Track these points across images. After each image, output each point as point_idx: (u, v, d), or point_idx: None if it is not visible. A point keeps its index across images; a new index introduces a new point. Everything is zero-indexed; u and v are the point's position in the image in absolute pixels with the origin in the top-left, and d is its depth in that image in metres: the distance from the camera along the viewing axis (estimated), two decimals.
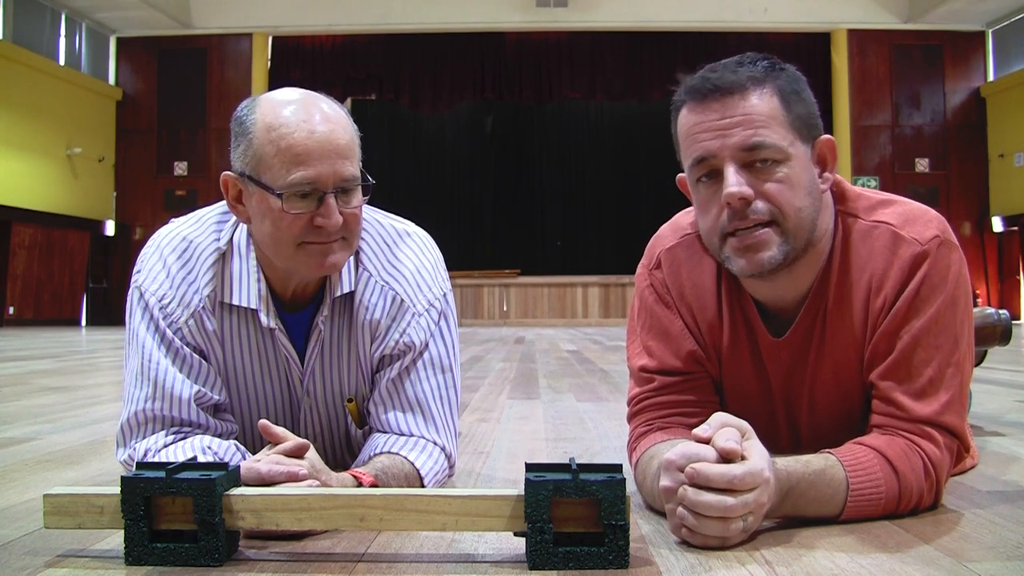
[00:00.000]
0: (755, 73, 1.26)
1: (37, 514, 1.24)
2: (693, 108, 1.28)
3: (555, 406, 2.97)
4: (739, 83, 1.25)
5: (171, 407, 1.36)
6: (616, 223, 18.14)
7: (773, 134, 1.24)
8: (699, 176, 1.29)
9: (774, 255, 1.26)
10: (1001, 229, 15.12)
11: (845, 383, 1.38)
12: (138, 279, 1.41)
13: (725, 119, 1.24)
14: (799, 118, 1.27)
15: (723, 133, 1.24)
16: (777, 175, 1.24)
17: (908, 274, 1.29)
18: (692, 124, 1.28)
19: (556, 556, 1.03)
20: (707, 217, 1.30)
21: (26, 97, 13.44)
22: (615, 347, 7.37)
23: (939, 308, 1.28)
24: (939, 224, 1.32)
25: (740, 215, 1.25)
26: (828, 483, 1.20)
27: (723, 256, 1.30)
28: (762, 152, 1.23)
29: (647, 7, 15.36)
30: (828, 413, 1.42)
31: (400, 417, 1.43)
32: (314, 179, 1.27)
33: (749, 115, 1.24)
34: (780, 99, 1.26)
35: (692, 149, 1.28)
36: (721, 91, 1.25)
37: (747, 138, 1.23)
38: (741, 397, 1.45)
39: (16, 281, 13.56)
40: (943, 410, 1.28)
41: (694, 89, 1.28)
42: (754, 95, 1.25)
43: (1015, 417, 2.57)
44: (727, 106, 1.25)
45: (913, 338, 1.29)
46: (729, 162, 1.24)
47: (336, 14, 15.52)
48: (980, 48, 15.65)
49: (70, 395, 3.36)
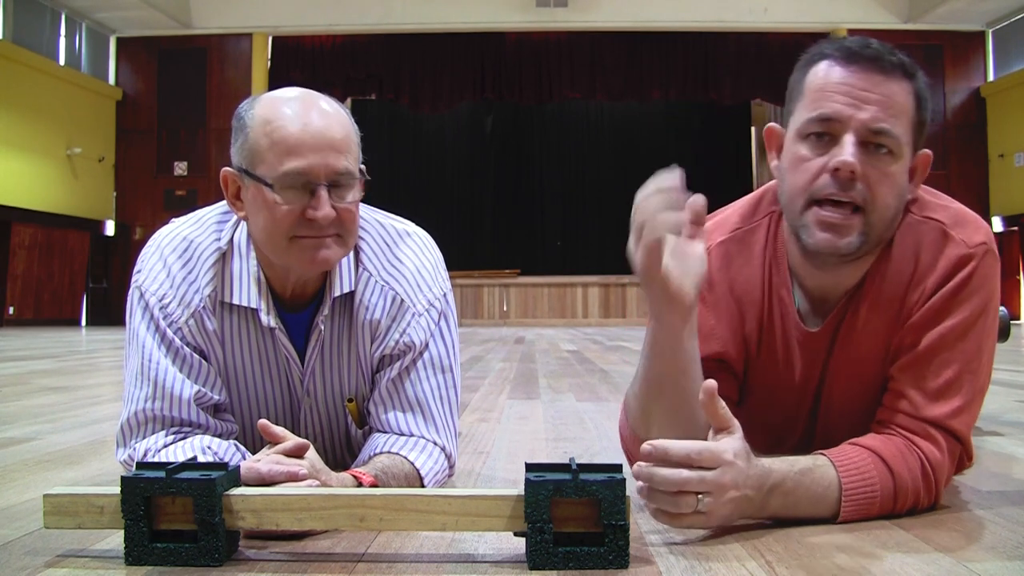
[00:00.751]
0: (906, 65, 1.26)
1: (37, 514, 1.24)
2: (839, 64, 1.26)
3: (555, 406, 2.97)
4: (892, 64, 1.24)
5: (171, 407, 1.36)
6: (616, 223, 17.85)
7: (900, 127, 1.24)
8: (812, 132, 1.26)
9: (852, 242, 1.25)
10: (1001, 229, 15.12)
11: (868, 376, 1.37)
12: (138, 279, 1.41)
13: (867, 91, 1.23)
14: (920, 124, 1.28)
15: (859, 104, 1.23)
16: (887, 168, 1.24)
17: (951, 273, 1.29)
18: (830, 80, 1.25)
19: (556, 556, 1.03)
20: (801, 176, 1.27)
21: (26, 97, 13.44)
22: (615, 347, 7.37)
23: (972, 313, 1.28)
24: (987, 232, 1.32)
25: (842, 185, 1.23)
26: (817, 482, 1.20)
27: (801, 223, 1.28)
28: (885, 139, 1.23)
29: (647, 7, 15.36)
30: (847, 407, 1.41)
31: (400, 417, 1.43)
32: (305, 170, 1.27)
33: (889, 98, 1.23)
34: (916, 99, 1.26)
35: (820, 104, 1.25)
36: (873, 63, 1.24)
37: (878, 119, 1.22)
38: (767, 389, 1.45)
39: (16, 281, 13.56)
40: (953, 414, 1.27)
41: (847, 48, 1.26)
42: (899, 84, 1.25)
43: (1015, 417, 2.58)
44: (873, 80, 1.24)
45: (940, 336, 1.28)
46: (852, 132, 1.23)
47: (336, 14, 15.51)
48: (980, 48, 15.66)
49: (70, 395, 3.36)
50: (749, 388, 1.47)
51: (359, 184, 1.34)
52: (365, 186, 1.40)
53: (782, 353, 1.42)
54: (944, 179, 15.52)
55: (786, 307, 1.40)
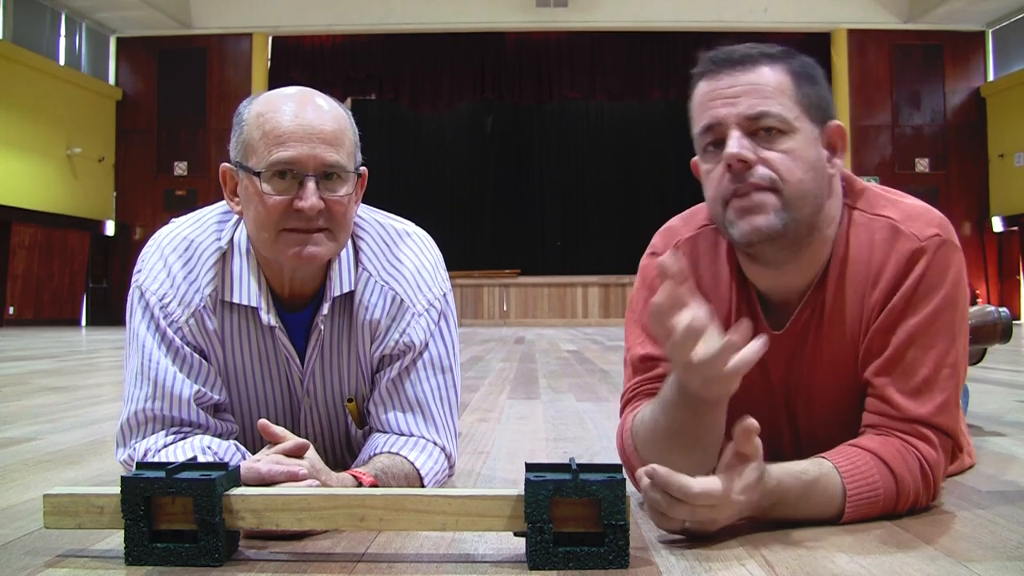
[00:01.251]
0: (770, 51, 1.30)
1: (37, 514, 1.24)
2: (706, 78, 1.30)
3: (555, 406, 2.97)
4: (751, 57, 1.28)
5: (171, 407, 1.36)
6: (616, 223, 18.13)
7: (778, 105, 1.26)
8: (707, 144, 1.30)
9: (772, 221, 1.25)
10: (1001, 229, 15.12)
11: (842, 378, 1.37)
12: (139, 278, 1.41)
13: (734, 87, 1.27)
14: (807, 97, 1.29)
15: (731, 101, 1.26)
16: (781, 146, 1.25)
17: (905, 269, 1.29)
18: (703, 93, 1.30)
19: (556, 556, 1.03)
20: (710, 187, 1.31)
21: (26, 97, 13.44)
22: (615, 347, 7.37)
23: (936, 307, 1.28)
24: (941, 223, 1.32)
25: (740, 178, 1.25)
26: (822, 492, 1.20)
27: (726, 222, 1.29)
28: (766, 120, 1.25)
29: (647, 7, 15.36)
30: (826, 409, 1.41)
31: (400, 417, 1.43)
32: (292, 159, 1.28)
33: (757, 85, 1.26)
34: (791, 76, 1.28)
35: (701, 117, 1.29)
36: (733, 62, 1.28)
37: (752, 106, 1.25)
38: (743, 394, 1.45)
39: (16, 281, 13.56)
40: (937, 411, 1.27)
41: (709, 60, 1.31)
42: (765, 69, 1.27)
43: (1015, 417, 2.57)
44: (737, 76, 1.27)
45: (908, 335, 1.28)
46: (734, 128, 1.26)
47: (336, 14, 15.51)
48: (980, 48, 15.65)
49: (70, 395, 3.36)
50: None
51: (353, 180, 1.34)
52: (364, 185, 1.40)
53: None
54: (944, 179, 15.53)
55: (754, 307, 1.40)
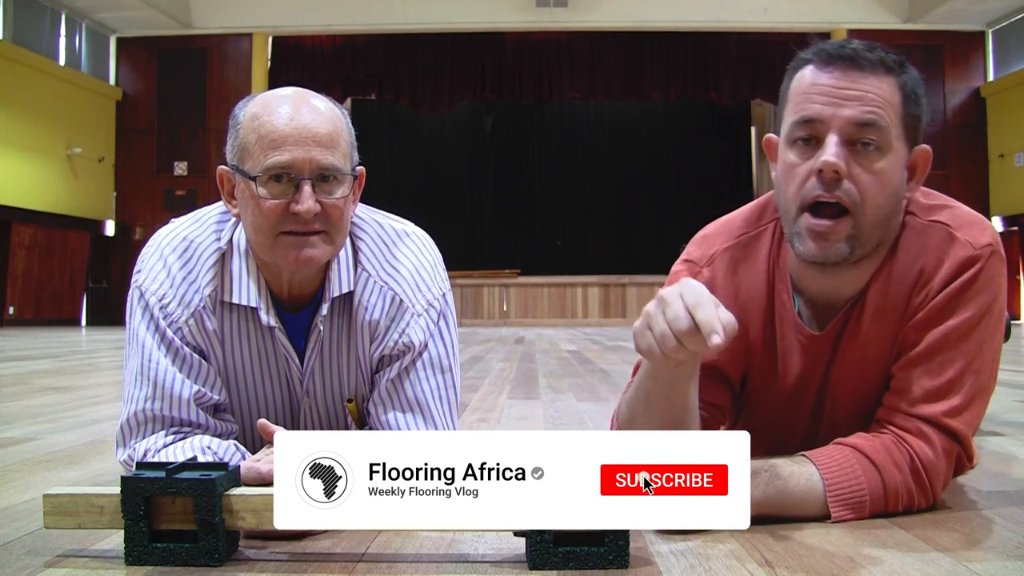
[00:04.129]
0: (886, 60, 1.26)
1: (37, 514, 1.24)
2: (817, 68, 1.26)
3: (555, 406, 2.97)
4: (869, 61, 1.24)
5: (171, 407, 1.36)
6: (616, 223, 18.14)
7: (885, 120, 1.23)
8: (798, 137, 1.27)
9: (841, 248, 1.25)
10: (1001, 229, 15.11)
11: (872, 376, 1.37)
12: (138, 279, 1.41)
13: (845, 89, 1.23)
14: (911, 117, 1.27)
15: (839, 102, 1.23)
16: (875, 164, 1.23)
17: (956, 274, 1.29)
18: (810, 83, 1.26)
19: (556, 556, 1.03)
20: (791, 183, 1.28)
21: (26, 97, 13.44)
22: (615, 347, 7.37)
23: (975, 313, 1.28)
24: (993, 234, 1.32)
25: (829, 187, 1.23)
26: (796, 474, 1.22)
27: (794, 230, 1.28)
28: (870, 133, 1.22)
29: (647, 7, 15.35)
30: (850, 407, 1.41)
31: (400, 417, 1.43)
32: (288, 163, 1.28)
33: (869, 93, 1.23)
34: (901, 93, 1.26)
35: (801, 107, 1.26)
36: (850, 61, 1.24)
37: (861, 114, 1.22)
38: (769, 393, 1.45)
39: (16, 281, 13.56)
40: (950, 413, 1.27)
41: (825, 51, 1.27)
42: (881, 78, 1.24)
43: (1015, 417, 2.58)
44: (852, 78, 1.23)
45: (944, 336, 1.28)
46: (835, 132, 1.23)
47: (336, 14, 15.51)
48: (980, 48, 15.66)
49: (70, 395, 3.36)
50: (751, 392, 1.47)
51: (349, 181, 1.34)
52: (361, 185, 1.40)
53: (784, 356, 1.42)
54: (944, 179, 15.51)
55: (787, 311, 1.40)
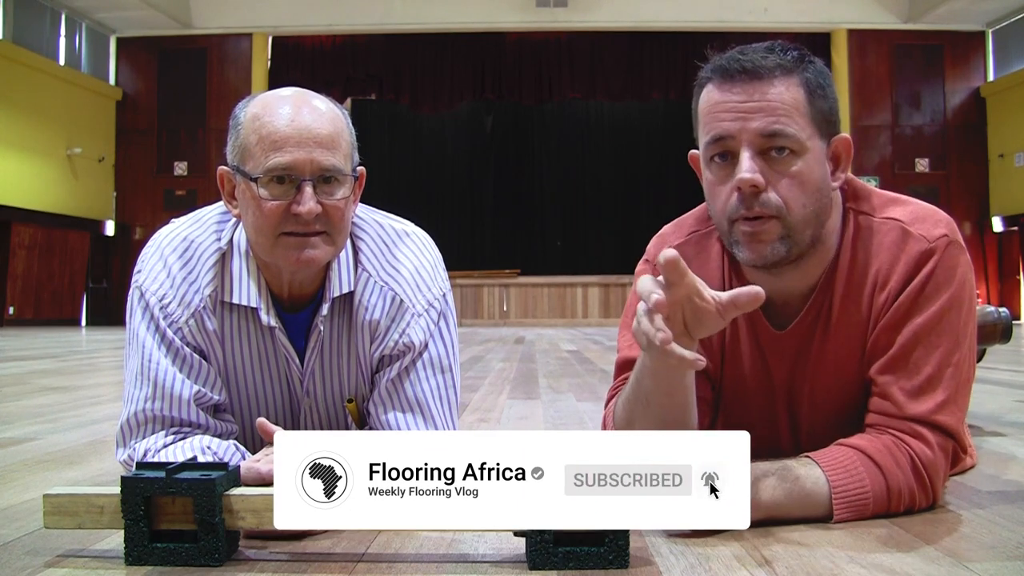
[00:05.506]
0: (784, 62, 1.26)
1: (37, 514, 1.24)
2: (718, 86, 1.27)
3: (555, 406, 2.98)
4: (767, 69, 1.25)
5: (171, 407, 1.36)
6: (616, 223, 18.13)
7: (794, 125, 1.24)
8: (713, 155, 1.28)
9: (777, 248, 1.26)
10: (1001, 229, 15.12)
11: (846, 378, 1.37)
12: (139, 279, 1.41)
13: (748, 102, 1.24)
14: (820, 113, 1.27)
15: (744, 116, 1.24)
16: (791, 168, 1.24)
17: (913, 269, 1.29)
18: (714, 103, 1.27)
19: (556, 556, 1.03)
20: (716, 199, 1.30)
21: (26, 97, 13.44)
22: (615, 347, 7.36)
23: (942, 306, 1.28)
24: (948, 225, 1.32)
25: (749, 203, 1.25)
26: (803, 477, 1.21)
27: (731, 240, 1.30)
28: (780, 141, 1.23)
29: (647, 7, 15.36)
30: (828, 409, 1.41)
31: (400, 417, 1.43)
32: (289, 165, 1.28)
33: (773, 102, 1.24)
34: (805, 91, 1.26)
35: (711, 127, 1.27)
36: (748, 74, 1.25)
37: (768, 125, 1.23)
38: (741, 394, 1.45)
39: (16, 281, 13.56)
40: (937, 409, 1.27)
41: (721, 68, 1.27)
42: (780, 83, 1.25)
43: (1015, 417, 2.58)
44: (752, 90, 1.24)
45: (913, 334, 1.29)
46: (746, 146, 1.24)
47: (336, 14, 15.52)
48: (980, 48, 15.66)
49: (70, 395, 3.36)
50: (723, 389, 1.47)
51: (350, 182, 1.34)
52: (361, 185, 1.40)
53: (749, 355, 1.43)
54: (944, 179, 15.53)
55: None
